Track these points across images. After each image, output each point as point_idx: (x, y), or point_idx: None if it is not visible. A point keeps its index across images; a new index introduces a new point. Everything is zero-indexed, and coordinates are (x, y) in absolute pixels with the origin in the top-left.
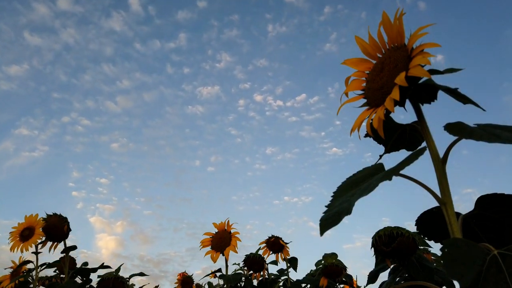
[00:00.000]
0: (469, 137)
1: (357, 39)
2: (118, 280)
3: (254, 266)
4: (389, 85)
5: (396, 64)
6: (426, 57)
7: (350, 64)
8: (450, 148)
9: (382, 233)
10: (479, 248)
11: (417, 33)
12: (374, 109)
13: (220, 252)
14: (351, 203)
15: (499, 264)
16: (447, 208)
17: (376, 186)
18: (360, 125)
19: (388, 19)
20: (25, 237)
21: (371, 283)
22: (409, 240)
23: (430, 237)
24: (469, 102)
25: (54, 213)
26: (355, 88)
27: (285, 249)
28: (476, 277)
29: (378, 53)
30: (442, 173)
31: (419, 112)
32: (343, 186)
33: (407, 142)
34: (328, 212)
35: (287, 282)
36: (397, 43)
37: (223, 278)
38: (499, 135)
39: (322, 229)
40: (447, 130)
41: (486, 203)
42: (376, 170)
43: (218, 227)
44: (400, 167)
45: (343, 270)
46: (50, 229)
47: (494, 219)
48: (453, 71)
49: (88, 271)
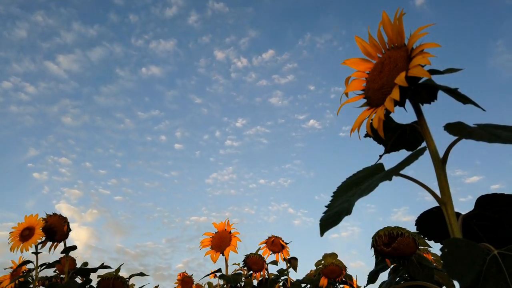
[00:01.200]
0: (469, 137)
1: (357, 39)
2: (118, 280)
3: (254, 266)
4: (389, 85)
5: (396, 64)
6: (426, 57)
7: (350, 64)
8: (450, 148)
9: (382, 233)
10: (479, 248)
11: (417, 33)
12: (374, 109)
13: (220, 252)
14: (351, 203)
15: (499, 264)
16: (447, 208)
17: (376, 186)
18: (360, 125)
19: (388, 19)
20: (25, 237)
21: (371, 283)
22: (409, 240)
23: (430, 237)
24: (469, 102)
25: (54, 213)
26: (355, 88)
27: (285, 249)
28: (476, 277)
29: (378, 53)
30: (442, 173)
31: (419, 112)
32: (343, 186)
33: (407, 142)
34: (328, 212)
35: (287, 282)
36: (397, 43)
37: (223, 278)
38: (499, 135)
39: (322, 229)
40: (447, 130)
41: (486, 203)
42: (376, 170)
43: (218, 227)
44: (400, 167)
45: (343, 270)
46: (50, 229)
47: (494, 219)
48: (453, 71)
49: (88, 271)
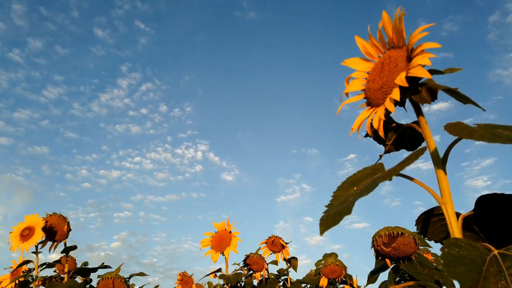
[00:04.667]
0: (469, 137)
1: (357, 39)
2: (119, 279)
3: (254, 266)
4: (389, 85)
5: (396, 64)
6: (427, 57)
7: (350, 64)
8: (450, 148)
9: (382, 233)
10: (479, 248)
11: (417, 33)
12: (374, 109)
13: (220, 252)
14: (351, 203)
15: (499, 264)
16: (447, 208)
17: (376, 186)
18: (361, 125)
19: (389, 19)
20: (25, 237)
21: (371, 283)
22: (410, 239)
23: (430, 237)
24: (469, 102)
25: (54, 212)
26: (355, 88)
27: (285, 249)
28: (476, 277)
29: (378, 53)
30: (442, 173)
31: (419, 112)
32: (343, 185)
33: (407, 142)
34: (328, 212)
35: (287, 282)
36: (397, 43)
37: (223, 278)
38: (499, 135)
39: (322, 229)
40: (447, 130)
41: (486, 203)
42: (376, 170)
43: (218, 227)
44: (400, 167)
45: (343, 270)
46: (50, 229)
47: (494, 219)
48: (453, 71)
49: (88, 271)
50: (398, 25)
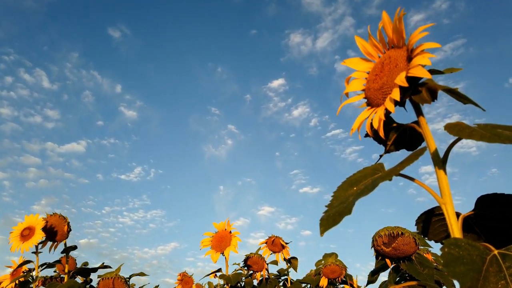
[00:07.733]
0: (469, 137)
1: (357, 39)
2: (119, 279)
3: (254, 266)
4: (389, 85)
5: (396, 64)
6: (427, 57)
7: (350, 64)
8: (450, 148)
9: (382, 233)
10: (479, 248)
11: (417, 33)
12: (374, 109)
13: (220, 252)
14: (351, 203)
15: (499, 263)
16: (447, 208)
17: (376, 186)
18: (361, 125)
19: (389, 19)
20: (25, 237)
21: (371, 283)
22: (410, 239)
23: (430, 237)
24: (469, 102)
25: (54, 212)
26: (355, 88)
27: (285, 249)
28: (476, 277)
29: (378, 53)
30: (442, 173)
31: (419, 112)
32: (343, 185)
33: (407, 142)
34: (328, 212)
35: (287, 282)
36: (398, 43)
37: (223, 278)
38: (499, 135)
39: (322, 230)
40: (447, 130)
41: (486, 203)
42: (376, 170)
43: (218, 227)
44: (400, 167)
45: (343, 270)
46: (50, 229)
47: (494, 219)
48: (453, 70)
49: (88, 271)
50: (398, 25)
